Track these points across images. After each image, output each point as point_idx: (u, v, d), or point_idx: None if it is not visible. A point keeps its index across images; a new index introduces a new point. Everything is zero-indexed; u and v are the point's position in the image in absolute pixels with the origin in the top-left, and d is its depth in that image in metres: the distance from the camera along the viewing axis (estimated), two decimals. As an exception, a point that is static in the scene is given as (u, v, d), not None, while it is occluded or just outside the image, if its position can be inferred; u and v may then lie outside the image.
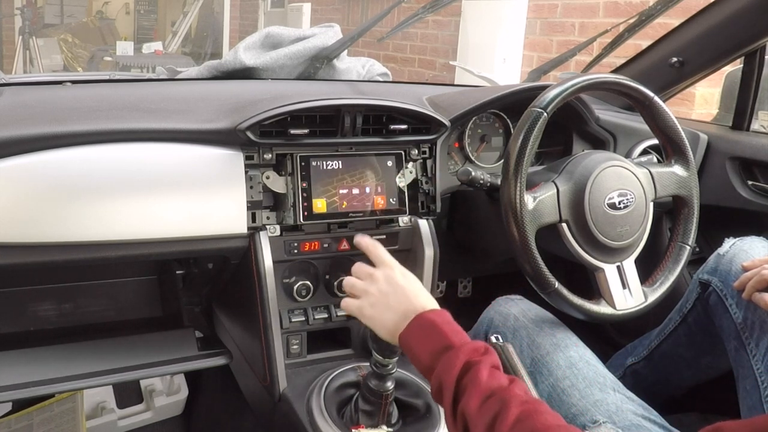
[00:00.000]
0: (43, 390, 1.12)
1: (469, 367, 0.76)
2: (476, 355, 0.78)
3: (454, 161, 1.35)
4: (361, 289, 0.91)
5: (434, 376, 0.79)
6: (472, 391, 0.74)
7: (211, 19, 6.99)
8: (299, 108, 1.07)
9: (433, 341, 0.81)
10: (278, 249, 1.10)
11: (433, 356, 0.80)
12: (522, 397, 0.73)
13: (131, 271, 1.39)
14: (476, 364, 0.76)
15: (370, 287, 0.90)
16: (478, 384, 0.74)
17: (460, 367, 0.76)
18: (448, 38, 4.46)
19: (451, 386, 0.76)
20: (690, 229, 1.14)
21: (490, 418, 0.71)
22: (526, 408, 0.71)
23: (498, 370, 0.78)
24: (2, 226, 0.93)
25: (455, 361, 0.77)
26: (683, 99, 2.93)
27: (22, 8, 5.62)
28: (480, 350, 0.79)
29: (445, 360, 0.78)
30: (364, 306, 0.90)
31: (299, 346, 1.16)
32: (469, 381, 0.75)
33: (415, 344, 0.82)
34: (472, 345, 0.80)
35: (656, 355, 1.29)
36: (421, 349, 0.81)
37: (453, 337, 0.81)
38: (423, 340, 0.82)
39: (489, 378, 0.75)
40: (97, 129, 0.98)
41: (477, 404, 0.73)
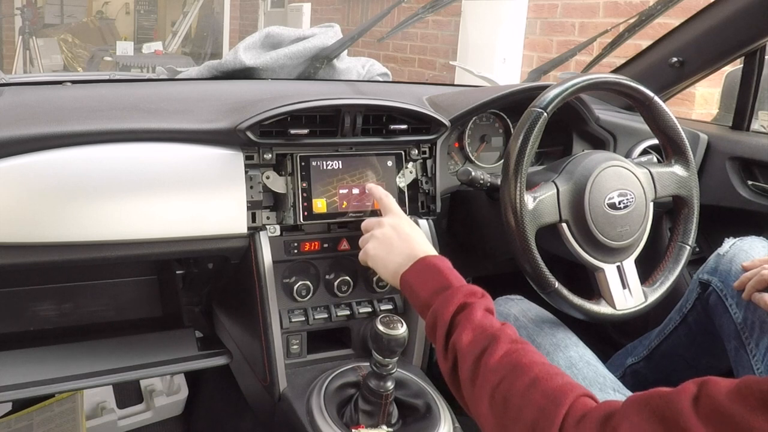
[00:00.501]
0: (43, 390, 1.12)
1: (465, 306, 0.81)
2: (472, 297, 0.82)
3: (454, 161, 1.35)
4: (369, 234, 0.98)
5: (430, 312, 0.83)
6: (464, 326, 0.78)
7: (211, 19, 6.99)
8: (299, 108, 1.07)
9: (433, 281, 0.86)
10: (278, 249, 1.10)
11: (432, 294, 0.84)
12: (512, 336, 0.76)
13: (131, 271, 1.39)
14: (471, 304, 0.81)
15: (377, 231, 0.97)
16: (471, 321, 0.78)
17: (456, 305, 0.81)
18: (448, 38, 4.46)
19: (445, 322, 0.80)
20: (690, 229, 1.14)
21: (479, 350, 0.75)
22: (514, 346, 0.74)
23: (491, 313, 0.82)
24: (2, 226, 0.93)
25: (452, 299, 0.81)
26: (683, 99, 2.94)
27: (22, 8, 5.62)
28: (477, 294, 0.83)
29: (442, 298, 0.82)
30: (369, 248, 0.96)
31: (299, 346, 1.16)
32: (463, 318, 0.79)
33: (416, 283, 0.87)
34: (470, 288, 0.84)
35: (656, 355, 1.29)
36: (420, 287, 0.86)
37: (452, 279, 0.85)
38: (423, 280, 0.87)
39: (482, 317, 0.79)
40: (97, 129, 0.98)
41: (468, 338, 0.77)
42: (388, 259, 0.93)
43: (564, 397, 0.66)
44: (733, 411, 0.52)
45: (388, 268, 0.93)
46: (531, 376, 0.70)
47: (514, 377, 0.71)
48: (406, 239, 0.94)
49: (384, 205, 1.04)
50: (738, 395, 0.53)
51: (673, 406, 0.56)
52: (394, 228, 0.96)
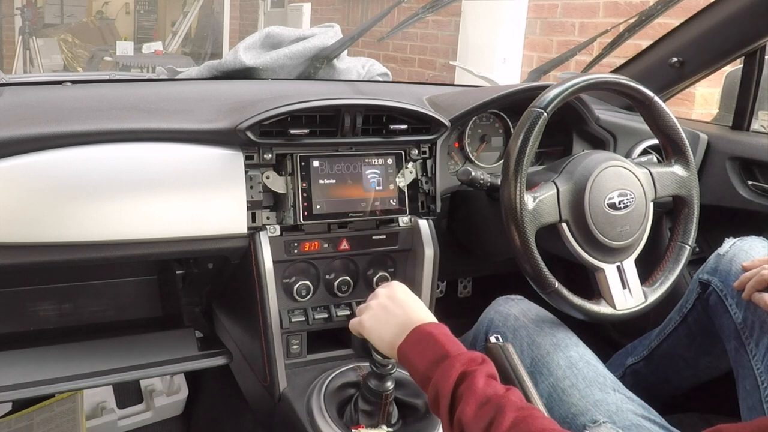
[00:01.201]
0: (43, 390, 1.12)
1: (465, 376, 0.77)
2: (473, 364, 0.79)
3: (454, 161, 1.35)
4: (364, 305, 0.94)
5: (431, 385, 0.80)
6: (468, 399, 0.75)
7: (211, 19, 6.99)
8: (299, 108, 1.07)
9: (430, 351, 0.82)
10: (278, 249, 1.10)
11: (430, 366, 0.80)
12: (517, 403, 0.74)
13: (131, 271, 1.39)
14: (472, 373, 0.77)
15: (371, 302, 0.93)
16: (474, 391, 0.75)
17: (456, 376, 0.77)
18: (448, 38, 4.46)
19: (447, 395, 0.77)
20: (690, 229, 1.14)
21: (485, 423, 0.72)
22: (522, 413, 0.72)
23: (494, 379, 0.79)
24: (2, 226, 0.93)
25: (451, 370, 0.78)
26: (683, 99, 2.93)
27: (22, 8, 5.62)
28: (477, 360, 0.80)
29: (441, 369, 0.79)
30: (364, 319, 0.92)
31: (299, 346, 1.16)
32: (466, 389, 0.76)
33: (413, 355, 0.83)
34: (469, 355, 0.80)
35: (656, 355, 1.29)
36: (418, 360, 0.82)
37: (450, 347, 0.81)
38: (420, 351, 0.83)
39: (485, 386, 0.76)
40: (97, 129, 0.98)
41: (473, 411, 0.74)
42: (383, 331, 0.89)
43: None
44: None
45: (384, 340, 0.89)
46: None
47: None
48: (401, 306, 0.90)
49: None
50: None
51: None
52: (388, 297, 0.92)
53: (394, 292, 0.93)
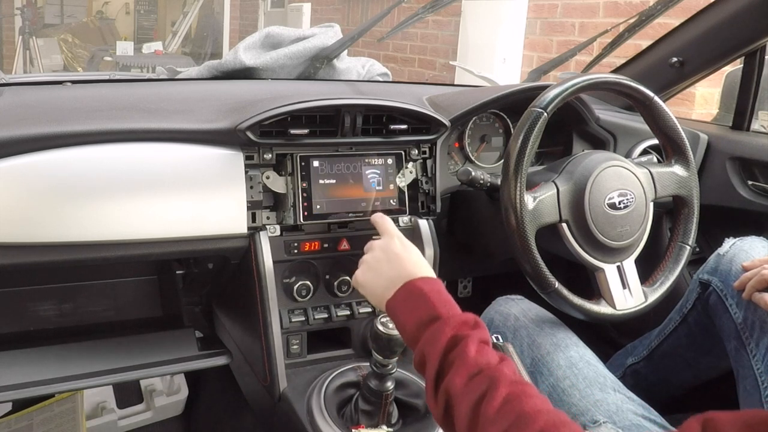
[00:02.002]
0: (43, 390, 1.12)
1: (457, 342, 0.72)
2: (465, 328, 0.74)
3: (454, 161, 1.35)
4: (361, 259, 0.92)
5: (418, 348, 0.75)
6: (458, 367, 0.70)
7: (211, 19, 6.99)
8: (299, 108, 1.07)
9: (419, 310, 0.77)
10: (278, 249, 1.10)
11: (419, 326, 0.76)
12: (511, 377, 0.69)
13: (131, 271, 1.39)
14: (464, 338, 0.72)
15: (367, 255, 0.91)
16: (465, 360, 0.70)
17: (446, 340, 0.72)
18: (448, 38, 4.46)
19: (435, 360, 0.72)
20: (690, 229, 1.14)
21: (476, 396, 0.67)
22: (515, 389, 0.67)
23: (487, 345, 0.74)
24: (2, 226, 0.93)
25: (441, 334, 0.73)
26: (683, 99, 2.93)
27: (22, 8, 5.62)
28: (469, 323, 0.75)
29: (431, 332, 0.74)
30: (358, 273, 0.90)
31: (299, 346, 1.16)
32: (456, 356, 0.71)
33: (401, 312, 0.79)
34: (461, 317, 0.75)
35: (656, 355, 1.29)
36: (406, 318, 0.78)
37: (441, 307, 0.76)
38: (409, 309, 0.78)
39: (477, 354, 0.71)
40: (97, 129, 0.98)
41: (463, 381, 0.69)
42: (375, 284, 0.86)
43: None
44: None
45: (376, 294, 0.85)
46: (536, 428, 0.63)
47: (518, 429, 0.63)
48: (395, 259, 0.86)
49: (379, 227, 0.98)
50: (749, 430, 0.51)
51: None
52: (383, 249, 0.88)
53: (390, 243, 0.89)
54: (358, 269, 0.91)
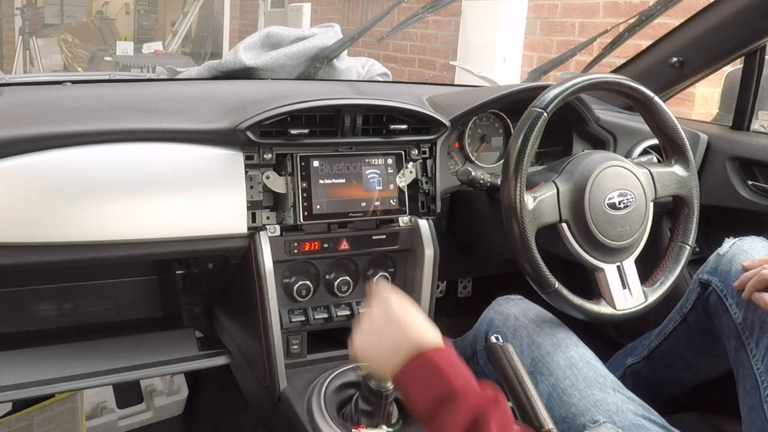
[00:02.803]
0: (43, 390, 1.12)
1: (476, 424, 0.66)
2: (484, 406, 0.67)
3: (454, 161, 1.35)
4: (358, 325, 0.84)
5: (433, 427, 0.69)
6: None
7: (211, 19, 6.99)
8: (299, 108, 1.07)
9: (432, 387, 0.70)
10: (278, 249, 1.10)
11: (433, 404, 0.69)
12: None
13: (131, 271, 1.39)
14: (484, 419, 0.66)
15: (364, 322, 0.82)
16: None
17: (465, 423, 0.66)
18: (448, 38, 4.46)
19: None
20: (690, 229, 1.14)
21: None
22: None
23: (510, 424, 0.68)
24: (2, 226, 0.93)
25: (459, 414, 0.67)
26: (683, 99, 2.93)
27: (22, 8, 5.62)
28: (489, 399, 0.69)
29: (446, 411, 0.68)
30: (357, 342, 0.82)
31: (299, 346, 1.16)
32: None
33: (412, 389, 0.72)
34: (480, 393, 0.69)
35: (656, 355, 1.29)
36: (418, 396, 0.71)
37: (456, 381, 0.70)
38: (421, 385, 0.71)
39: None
40: (97, 129, 0.98)
41: None
42: (377, 352, 0.78)
43: None
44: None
45: (379, 364, 0.78)
46: None
47: None
48: (397, 324, 0.77)
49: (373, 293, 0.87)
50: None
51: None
52: (381, 313, 0.80)
53: (387, 307, 0.81)
54: (355, 336, 0.83)
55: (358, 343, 0.82)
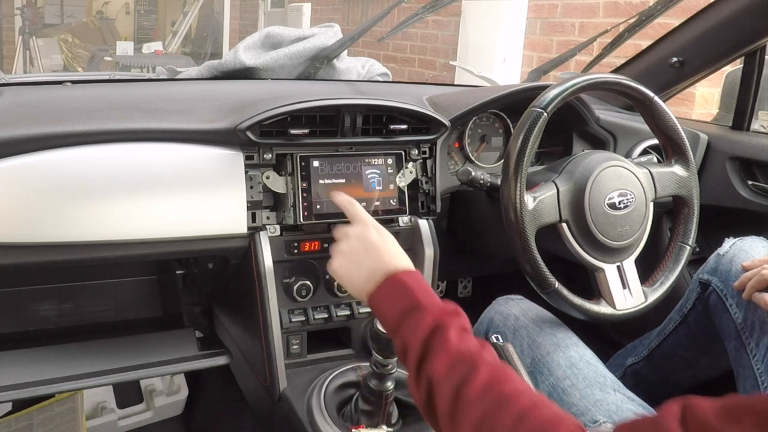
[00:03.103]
0: (43, 390, 1.12)
1: (437, 329, 0.73)
2: (445, 316, 0.75)
3: (454, 161, 1.35)
4: (336, 248, 0.90)
5: (399, 336, 0.76)
6: (439, 353, 0.71)
7: (211, 19, 6.99)
8: (299, 108, 1.07)
9: (400, 301, 0.78)
10: (278, 249, 1.10)
11: (400, 316, 0.77)
12: (491, 362, 0.70)
13: (131, 271, 1.39)
14: (445, 326, 0.73)
15: (342, 244, 0.89)
16: (447, 346, 0.71)
17: (427, 328, 0.74)
18: (448, 38, 4.46)
19: (416, 347, 0.73)
20: (690, 229, 1.14)
21: (457, 380, 0.68)
22: (496, 373, 0.68)
23: (468, 333, 0.75)
24: (2, 226, 0.93)
25: (422, 321, 0.74)
26: (683, 99, 2.93)
27: (22, 8, 5.62)
28: (449, 312, 0.76)
29: (411, 320, 0.75)
30: (335, 264, 0.88)
31: (299, 346, 1.16)
32: (437, 343, 0.72)
33: (383, 304, 0.80)
34: (442, 306, 0.77)
35: (656, 355, 1.29)
36: (387, 310, 0.79)
37: (422, 297, 0.77)
38: (390, 301, 0.79)
39: (458, 341, 0.72)
40: (97, 129, 0.98)
41: (444, 367, 0.70)
42: (354, 276, 0.85)
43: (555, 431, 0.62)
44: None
45: (355, 286, 0.85)
46: (517, 409, 0.64)
47: (498, 411, 0.64)
48: (373, 250, 0.84)
49: (350, 214, 0.94)
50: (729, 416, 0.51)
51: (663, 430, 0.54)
52: (360, 239, 0.87)
53: (366, 233, 0.87)
54: (333, 258, 0.89)
55: (336, 266, 0.88)
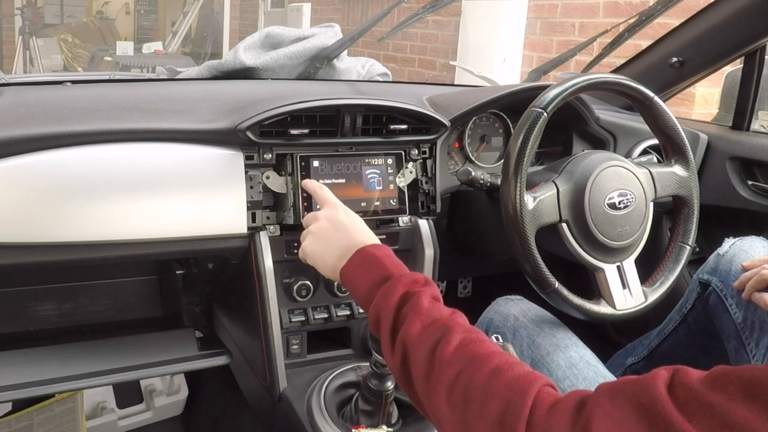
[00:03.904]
0: (43, 390, 1.12)
1: (409, 297, 0.75)
2: (416, 285, 0.77)
3: (454, 161, 1.35)
4: (306, 231, 0.92)
5: (372, 306, 0.78)
6: (413, 319, 0.73)
7: (211, 19, 6.99)
8: (299, 108, 1.07)
9: (372, 273, 0.80)
10: (278, 249, 1.10)
11: (372, 287, 0.79)
12: (464, 325, 0.72)
13: (131, 271, 1.39)
14: (416, 293, 0.75)
15: (312, 226, 0.91)
16: (419, 312, 0.73)
17: (398, 296, 0.76)
18: (448, 38, 4.46)
19: (389, 315, 0.75)
20: (690, 229, 1.14)
21: (431, 343, 0.70)
22: (469, 335, 0.70)
23: (438, 301, 0.77)
24: (2, 226, 0.93)
25: (394, 290, 0.76)
26: (683, 99, 2.94)
27: (22, 8, 5.62)
28: (420, 281, 0.78)
29: (383, 290, 0.77)
30: (306, 245, 0.90)
31: (299, 346, 1.16)
32: (410, 309, 0.74)
33: (355, 277, 0.82)
34: (412, 276, 0.79)
35: (656, 355, 1.29)
36: (360, 282, 0.81)
37: (392, 268, 0.80)
38: (362, 273, 0.81)
39: (430, 306, 0.74)
40: (97, 129, 0.98)
41: (418, 330, 0.72)
42: (325, 254, 0.87)
43: (529, 387, 0.63)
44: (713, 400, 0.51)
45: (327, 264, 0.87)
46: (491, 366, 0.65)
47: (472, 369, 0.66)
48: (343, 229, 0.88)
49: (319, 198, 0.97)
50: (714, 384, 0.52)
51: (649, 392, 0.55)
52: (329, 220, 0.90)
53: (335, 214, 0.90)
54: (304, 240, 0.91)
55: (308, 245, 0.90)
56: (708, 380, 0.53)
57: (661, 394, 0.54)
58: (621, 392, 0.57)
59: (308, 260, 0.91)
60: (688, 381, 0.54)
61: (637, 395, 0.55)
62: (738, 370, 0.52)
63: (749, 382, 0.50)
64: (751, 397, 0.49)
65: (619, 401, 0.56)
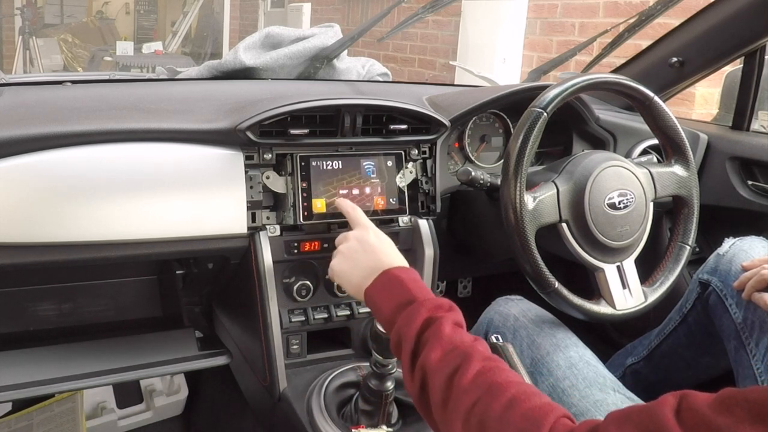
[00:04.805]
0: (43, 390, 1.12)
1: (432, 322, 0.76)
2: (440, 311, 0.77)
3: (454, 161, 1.35)
4: (336, 250, 0.95)
5: (394, 329, 0.79)
6: (433, 345, 0.73)
7: (211, 19, 6.99)
8: (299, 108, 1.07)
9: (396, 295, 0.81)
10: (278, 249, 1.10)
11: (395, 310, 0.80)
12: (484, 353, 0.72)
13: (131, 271, 1.39)
14: (439, 319, 0.76)
15: (342, 246, 0.94)
16: (440, 338, 0.74)
17: (421, 321, 0.76)
18: (448, 38, 4.46)
19: (411, 339, 0.75)
20: (690, 229, 1.14)
21: (450, 370, 0.70)
22: (488, 363, 0.70)
23: (461, 327, 0.77)
24: (2, 226, 0.93)
25: (417, 314, 0.77)
26: (683, 99, 2.94)
27: (22, 8, 5.62)
28: (444, 306, 0.78)
29: (406, 313, 0.78)
30: (334, 263, 0.93)
31: (299, 346, 1.16)
32: (431, 335, 0.75)
33: (379, 298, 0.83)
34: (436, 301, 0.79)
35: (656, 355, 1.29)
36: (383, 303, 0.82)
37: (417, 292, 0.80)
38: (386, 295, 0.82)
39: (451, 333, 0.74)
40: (97, 129, 0.98)
41: (438, 357, 0.72)
42: (352, 274, 0.90)
43: (544, 419, 0.63)
44: (720, 423, 0.51)
45: (353, 284, 0.89)
46: (508, 396, 0.65)
47: (489, 398, 0.66)
48: (371, 251, 0.90)
49: (351, 219, 1.00)
50: (722, 407, 0.52)
51: (656, 420, 0.55)
52: (359, 240, 0.92)
53: (365, 235, 0.93)
54: (333, 259, 0.94)
55: (336, 264, 0.93)
56: (715, 404, 0.53)
57: (668, 420, 0.54)
58: (629, 420, 0.57)
59: (335, 278, 0.94)
60: (695, 405, 0.54)
61: (644, 423, 0.56)
62: (744, 392, 0.52)
63: (755, 404, 0.51)
64: (759, 419, 0.50)
65: (627, 429, 0.56)
